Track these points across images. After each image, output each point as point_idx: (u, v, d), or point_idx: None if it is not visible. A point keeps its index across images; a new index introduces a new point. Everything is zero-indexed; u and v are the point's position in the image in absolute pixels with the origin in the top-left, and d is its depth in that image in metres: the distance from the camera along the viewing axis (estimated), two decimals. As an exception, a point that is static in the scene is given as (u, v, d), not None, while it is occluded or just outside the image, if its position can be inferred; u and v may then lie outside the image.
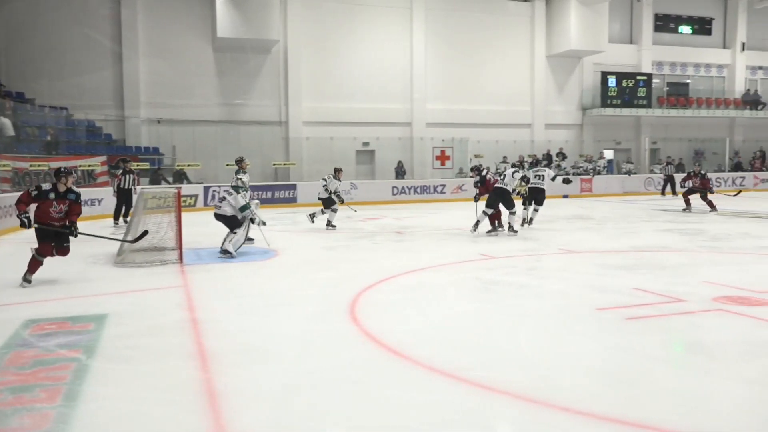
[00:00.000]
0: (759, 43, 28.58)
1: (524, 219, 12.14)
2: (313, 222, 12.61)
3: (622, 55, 26.23)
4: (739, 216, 14.13)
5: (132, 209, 12.61)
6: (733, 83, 28.17)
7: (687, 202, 15.54)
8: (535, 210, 12.30)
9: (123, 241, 8.53)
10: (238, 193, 9.16)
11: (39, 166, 15.31)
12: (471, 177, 13.86)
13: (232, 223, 9.02)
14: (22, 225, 7.09)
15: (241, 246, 9.08)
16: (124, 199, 13.51)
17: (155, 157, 19.63)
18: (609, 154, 25.92)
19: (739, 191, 18.14)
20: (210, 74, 20.89)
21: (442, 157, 22.95)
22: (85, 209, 15.09)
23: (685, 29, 27.69)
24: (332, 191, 12.30)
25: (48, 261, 8.89)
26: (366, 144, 22.51)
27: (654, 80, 26.41)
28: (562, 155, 24.26)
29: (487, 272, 7.61)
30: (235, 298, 6.33)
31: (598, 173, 23.95)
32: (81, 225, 7.38)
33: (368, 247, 9.95)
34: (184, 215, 9.18)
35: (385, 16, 22.82)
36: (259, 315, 5.64)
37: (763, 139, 28.29)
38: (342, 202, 12.53)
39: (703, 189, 15.09)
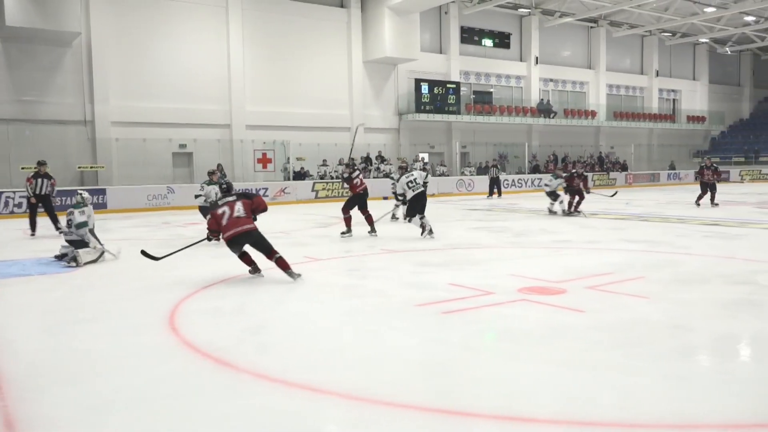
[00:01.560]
0: (549, 57, 31.87)
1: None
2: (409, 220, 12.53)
3: (433, 64, 27.79)
4: (538, 213, 15.60)
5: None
6: (530, 93, 31.10)
7: (576, 205, 14.91)
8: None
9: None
10: (77, 208, 8.82)
11: None
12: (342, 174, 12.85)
13: (82, 244, 8.54)
14: None
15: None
16: (41, 206, 12.13)
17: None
18: (425, 157, 27.29)
19: (616, 192, 19.48)
20: (-2, 66, 18.66)
21: (264, 160, 22.65)
22: None
23: (488, 42, 30.06)
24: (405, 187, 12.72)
25: None
26: (183, 146, 21.55)
27: (462, 88, 28.32)
28: (381, 158, 25.11)
29: (311, 274, 7.63)
30: (35, 315, 5.73)
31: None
32: None
33: (188, 254, 9.51)
34: (-30, 225, 8.14)
35: (200, 13, 21.99)
36: (63, 332, 5.14)
37: (555, 144, 31.55)
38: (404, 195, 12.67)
39: (584, 190, 14.86)
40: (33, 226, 12.17)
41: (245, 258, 7.40)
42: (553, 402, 3.49)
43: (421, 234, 10.67)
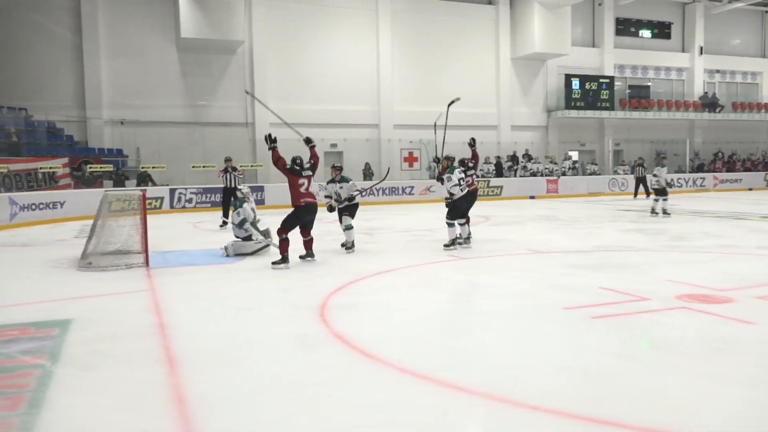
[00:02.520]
0: (716, 47, 29.40)
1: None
2: (669, 215, 14.05)
3: (585, 58, 26.71)
4: (701, 215, 14.48)
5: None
6: (692, 86, 28.91)
7: None
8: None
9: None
10: (236, 208, 9.60)
11: (-1, 168, 14.94)
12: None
13: (248, 238, 9.36)
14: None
15: (250, 251, 9.18)
16: (228, 198, 13.30)
17: (119, 158, 19.30)
18: (574, 156, 26.34)
19: None
20: (174, 75, 20.62)
21: (410, 159, 23.05)
22: (46, 212, 14.90)
23: (645, 33, 28.33)
24: (666, 180, 14.08)
25: (10, 264, 8.73)
26: (334, 145, 22.48)
27: (616, 83, 26.94)
28: (528, 156, 24.57)
29: (455, 273, 7.66)
30: (203, 302, 6.25)
31: (564, 174, 24.31)
32: (43, 228, 7.21)
33: (337, 249, 9.93)
34: (150, 218, 9.05)
35: (351, 17, 22.82)
36: (227, 318, 5.58)
37: (721, 140, 29.08)
38: (664, 190, 14.18)
39: None
40: (225, 217, 13.15)
41: (285, 243, 8.07)
42: (715, 420, 3.24)
43: (461, 242, 9.54)
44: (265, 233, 9.48)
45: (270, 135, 8.43)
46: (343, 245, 9.53)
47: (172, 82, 20.58)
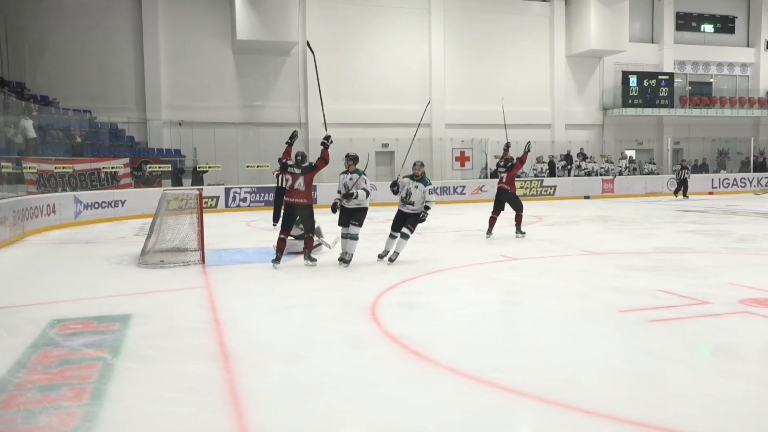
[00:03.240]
0: (784, 41, 28.18)
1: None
2: None
3: (643, 55, 26.00)
4: (765, 216, 13.91)
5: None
6: (758, 82, 27.78)
7: None
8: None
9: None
10: None
11: (63, 168, 15.53)
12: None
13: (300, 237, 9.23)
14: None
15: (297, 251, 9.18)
16: (280, 197, 13.22)
17: (177, 158, 19.82)
18: (631, 155, 25.67)
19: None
20: (230, 76, 21.06)
21: (462, 158, 22.88)
22: (108, 210, 15.42)
23: (708, 28, 27.38)
24: None
25: (75, 260, 9.04)
26: (385, 145, 22.52)
27: (676, 80, 26.14)
28: (582, 155, 24.09)
29: (508, 273, 7.58)
30: (257, 299, 6.36)
31: (620, 173, 23.74)
32: (105, 226, 7.45)
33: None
34: (206, 217, 9.26)
35: (403, 17, 22.83)
36: (280, 316, 5.66)
37: (789, 138, 27.88)
38: None
39: None
40: (276, 217, 13.35)
41: (281, 243, 8.04)
42: (781, 429, 3.11)
43: (385, 256, 8.49)
44: (318, 232, 9.57)
45: (294, 132, 8.81)
46: (340, 259, 8.20)
47: (227, 83, 21.03)
